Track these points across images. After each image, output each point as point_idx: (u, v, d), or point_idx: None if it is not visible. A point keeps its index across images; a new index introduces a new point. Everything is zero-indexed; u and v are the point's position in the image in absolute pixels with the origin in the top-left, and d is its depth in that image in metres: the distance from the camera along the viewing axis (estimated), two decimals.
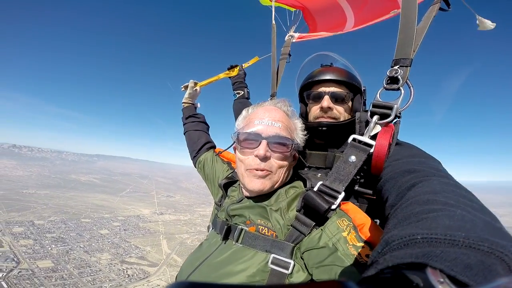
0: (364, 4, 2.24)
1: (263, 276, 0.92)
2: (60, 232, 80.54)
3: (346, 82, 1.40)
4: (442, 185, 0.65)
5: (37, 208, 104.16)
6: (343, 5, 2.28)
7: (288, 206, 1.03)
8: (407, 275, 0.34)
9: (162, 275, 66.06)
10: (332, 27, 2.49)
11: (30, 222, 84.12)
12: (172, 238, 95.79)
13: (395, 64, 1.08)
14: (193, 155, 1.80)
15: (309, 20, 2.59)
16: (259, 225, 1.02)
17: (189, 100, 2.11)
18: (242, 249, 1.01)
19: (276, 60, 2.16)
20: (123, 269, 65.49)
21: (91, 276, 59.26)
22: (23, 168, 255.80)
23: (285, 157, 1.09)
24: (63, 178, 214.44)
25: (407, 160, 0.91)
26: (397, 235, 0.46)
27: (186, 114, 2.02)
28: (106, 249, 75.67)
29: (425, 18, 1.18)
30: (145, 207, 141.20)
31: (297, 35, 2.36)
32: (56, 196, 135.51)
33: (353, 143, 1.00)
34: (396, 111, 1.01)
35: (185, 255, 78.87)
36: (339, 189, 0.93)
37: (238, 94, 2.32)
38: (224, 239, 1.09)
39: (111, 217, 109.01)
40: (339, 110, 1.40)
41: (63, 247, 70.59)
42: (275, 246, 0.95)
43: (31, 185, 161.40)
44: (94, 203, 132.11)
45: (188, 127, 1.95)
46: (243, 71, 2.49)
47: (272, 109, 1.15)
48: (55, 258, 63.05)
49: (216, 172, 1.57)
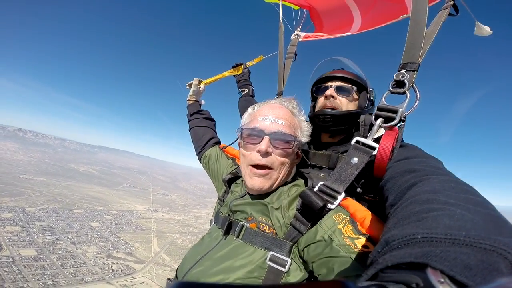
0: (371, 7, 2.20)
1: (260, 272, 0.94)
2: (50, 221, 79.93)
3: (352, 79, 1.47)
4: (442, 183, 0.65)
5: (31, 194, 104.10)
6: (351, 6, 2.26)
7: (289, 205, 1.05)
8: (407, 275, 0.33)
9: (148, 272, 64.96)
10: (339, 27, 2.47)
11: (21, 209, 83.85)
12: (163, 236, 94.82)
13: (402, 68, 1.09)
14: (198, 151, 1.85)
15: (316, 20, 2.57)
16: (260, 222, 1.04)
17: (193, 98, 2.15)
18: (242, 244, 1.02)
19: (283, 59, 2.17)
20: (108, 264, 64.67)
21: (73, 268, 58.30)
22: (25, 152, 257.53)
23: (287, 154, 1.10)
24: (62, 166, 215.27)
25: (408, 160, 0.91)
26: (397, 235, 0.46)
27: (191, 111, 2.06)
28: (94, 242, 74.97)
29: (434, 23, 1.17)
30: (140, 203, 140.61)
31: (303, 34, 2.37)
32: (52, 184, 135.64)
33: (356, 145, 1.00)
34: (400, 115, 1.01)
35: (174, 255, 79.27)
36: (340, 189, 0.94)
37: (243, 92, 2.39)
38: (225, 234, 1.11)
39: (104, 210, 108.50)
40: (342, 101, 1.46)
41: (50, 237, 69.83)
42: (274, 244, 0.97)
43: (29, 171, 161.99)
44: (89, 195, 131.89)
45: (193, 123, 1.99)
46: (248, 70, 2.52)
47: (276, 107, 1.18)
48: (39, 247, 62.27)
49: (221, 167, 1.61)
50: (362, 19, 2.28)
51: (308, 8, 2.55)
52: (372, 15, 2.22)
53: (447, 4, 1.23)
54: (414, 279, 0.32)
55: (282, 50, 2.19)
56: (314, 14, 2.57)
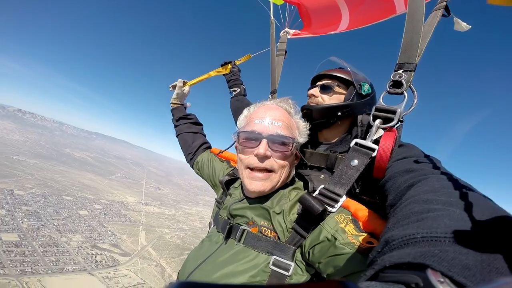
0: (360, 5, 2.22)
1: (263, 276, 0.95)
2: (37, 206, 79.36)
3: (337, 76, 1.52)
4: (441, 182, 0.65)
5: (22, 177, 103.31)
6: (340, 3, 2.27)
7: (290, 209, 1.05)
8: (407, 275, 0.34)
9: (132, 266, 64.49)
10: (327, 25, 2.47)
11: (10, 191, 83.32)
12: (152, 230, 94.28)
13: (399, 68, 1.08)
14: (190, 158, 1.80)
15: (304, 17, 2.54)
16: (262, 226, 1.04)
17: (177, 101, 2.05)
18: (244, 249, 1.02)
19: (275, 56, 2.14)
20: (92, 254, 64.35)
21: (55, 256, 57.80)
22: (21, 133, 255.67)
23: (286, 156, 1.09)
24: (57, 150, 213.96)
25: (407, 160, 0.93)
26: (397, 235, 0.46)
27: (177, 115, 1.96)
28: (80, 231, 74.58)
29: (428, 24, 1.17)
30: (132, 195, 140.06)
31: (292, 31, 2.35)
32: (44, 168, 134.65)
33: (355, 147, 1.01)
34: (399, 115, 1.01)
35: (161, 250, 78.27)
36: (341, 192, 0.95)
37: (234, 91, 2.33)
38: (226, 238, 1.11)
39: (94, 198, 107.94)
40: (324, 98, 1.52)
41: (35, 223, 69.17)
42: (276, 248, 0.97)
43: (23, 152, 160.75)
44: (81, 182, 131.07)
45: (180, 129, 1.90)
46: (237, 68, 2.46)
47: (273, 108, 1.16)
48: (22, 233, 61.63)
49: (216, 170, 1.59)
50: (350, 17, 2.27)
51: (297, 4, 2.49)
52: (360, 13, 2.22)
53: (440, 5, 1.23)
54: (413, 279, 0.32)
55: (274, 47, 2.15)
56: (303, 10, 2.51)
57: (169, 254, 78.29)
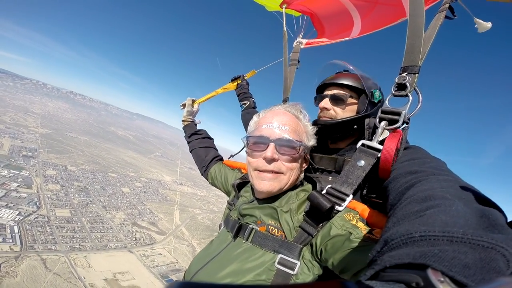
0: (371, 11, 2.26)
1: (269, 275, 0.95)
2: (87, 182, 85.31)
3: (347, 84, 1.46)
4: (440, 182, 0.66)
5: (74, 153, 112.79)
6: (351, 10, 2.33)
7: (298, 208, 1.06)
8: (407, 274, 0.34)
9: (167, 245, 67.03)
10: (339, 32, 2.53)
11: (64, 167, 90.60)
12: (185, 210, 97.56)
13: (403, 71, 1.11)
14: (203, 170, 1.89)
15: (318, 26, 2.62)
16: (269, 225, 1.05)
17: (188, 118, 2.16)
18: (251, 248, 1.04)
19: (287, 66, 2.23)
20: (132, 232, 67.66)
21: (100, 233, 61.24)
22: (73, 112, 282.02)
23: (294, 159, 1.11)
24: (103, 128, 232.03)
25: (411, 162, 0.93)
26: (395, 234, 0.46)
27: (188, 132, 2.08)
28: (123, 208, 78.76)
29: (431, 26, 1.21)
30: (168, 174, 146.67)
31: (305, 41, 2.43)
32: (93, 145, 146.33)
33: (361, 148, 1.04)
34: (404, 117, 1.04)
35: (193, 231, 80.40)
36: (347, 192, 0.96)
37: (244, 104, 2.44)
38: (234, 237, 1.13)
39: (135, 176, 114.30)
40: (337, 110, 1.47)
41: (85, 198, 74.32)
42: (283, 247, 0.98)
43: (75, 129, 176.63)
44: (124, 159, 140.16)
45: (193, 145, 2.02)
46: (246, 82, 2.59)
47: (280, 113, 1.19)
48: (74, 209, 66.17)
49: (228, 178, 1.65)
50: (362, 23, 2.33)
51: (309, 14, 2.58)
52: (371, 19, 2.26)
53: (443, 7, 1.27)
54: (414, 278, 0.32)
55: (286, 57, 2.23)
56: (316, 20, 2.59)
57: (200, 235, 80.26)
